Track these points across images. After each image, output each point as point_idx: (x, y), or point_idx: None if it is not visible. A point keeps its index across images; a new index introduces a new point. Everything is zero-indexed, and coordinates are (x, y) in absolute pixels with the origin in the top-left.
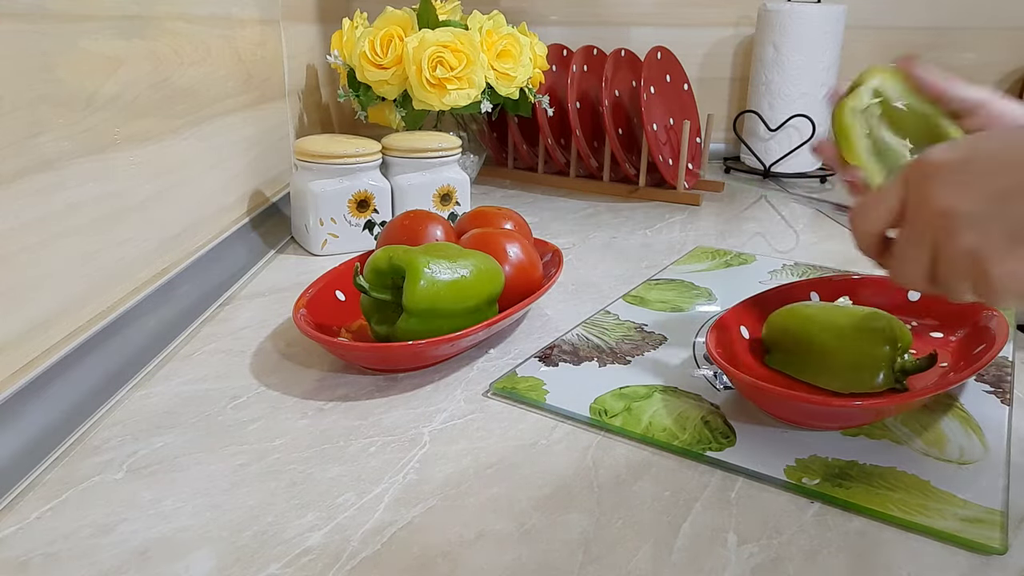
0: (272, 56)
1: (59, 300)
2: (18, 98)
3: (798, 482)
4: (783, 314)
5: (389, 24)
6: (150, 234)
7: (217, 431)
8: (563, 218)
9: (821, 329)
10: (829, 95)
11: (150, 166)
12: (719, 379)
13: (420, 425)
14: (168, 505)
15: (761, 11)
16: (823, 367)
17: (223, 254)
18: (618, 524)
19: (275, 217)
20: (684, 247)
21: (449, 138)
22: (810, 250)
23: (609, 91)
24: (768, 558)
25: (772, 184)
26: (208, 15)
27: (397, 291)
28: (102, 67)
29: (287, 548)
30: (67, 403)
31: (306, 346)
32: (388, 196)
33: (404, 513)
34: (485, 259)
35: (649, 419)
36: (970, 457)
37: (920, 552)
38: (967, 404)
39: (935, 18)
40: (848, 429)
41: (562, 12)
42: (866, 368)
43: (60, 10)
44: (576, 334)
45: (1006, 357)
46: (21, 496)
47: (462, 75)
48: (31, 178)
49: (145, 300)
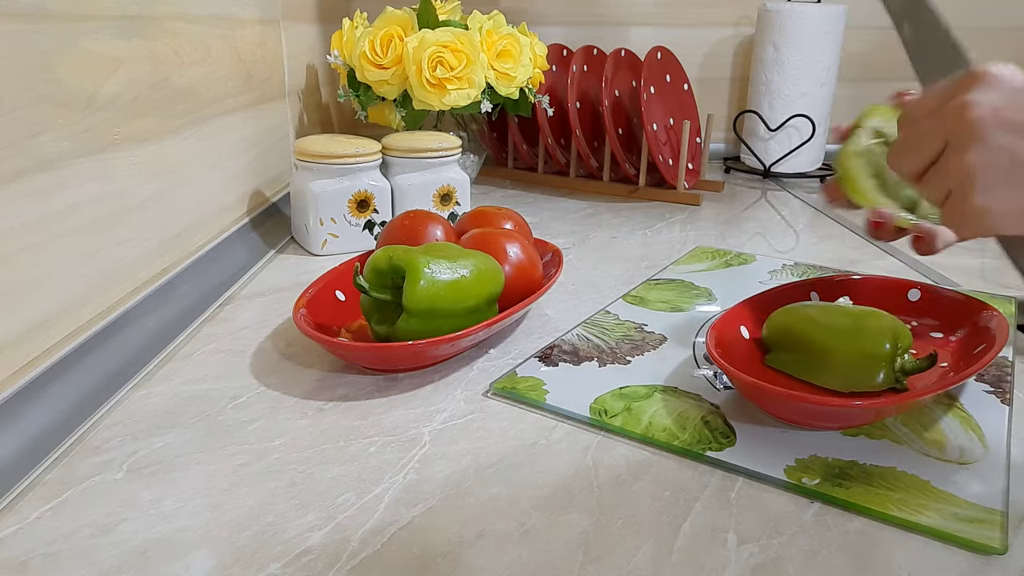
0: (272, 56)
1: (59, 300)
2: (18, 98)
3: (798, 482)
4: (783, 314)
5: (389, 24)
6: (150, 234)
7: (217, 431)
8: (563, 218)
9: (821, 329)
10: (834, 135)
11: (150, 166)
12: (719, 379)
13: (420, 425)
14: (168, 505)
15: (761, 11)
16: (823, 366)
17: (223, 254)
18: (618, 524)
19: (275, 217)
20: (684, 247)
21: (449, 138)
22: (810, 250)
23: (609, 91)
24: (768, 558)
25: (772, 184)
26: (208, 15)
27: (397, 291)
28: (102, 67)
29: (287, 548)
30: (67, 403)
31: (306, 346)
32: (388, 196)
33: (404, 513)
34: (485, 259)
35: (649, 419)
36: (970, 457)
37: (920, 552)
38: (967, 404)
39: None
40: (848, 429)
41: (562, 12)
42: (866, 368)
43: (60, 10)
44: (576, 334)
45: (1006, 357)
46: (21, 496)
47: (462, 75)
48: (31, 178)
49: (145, 300)
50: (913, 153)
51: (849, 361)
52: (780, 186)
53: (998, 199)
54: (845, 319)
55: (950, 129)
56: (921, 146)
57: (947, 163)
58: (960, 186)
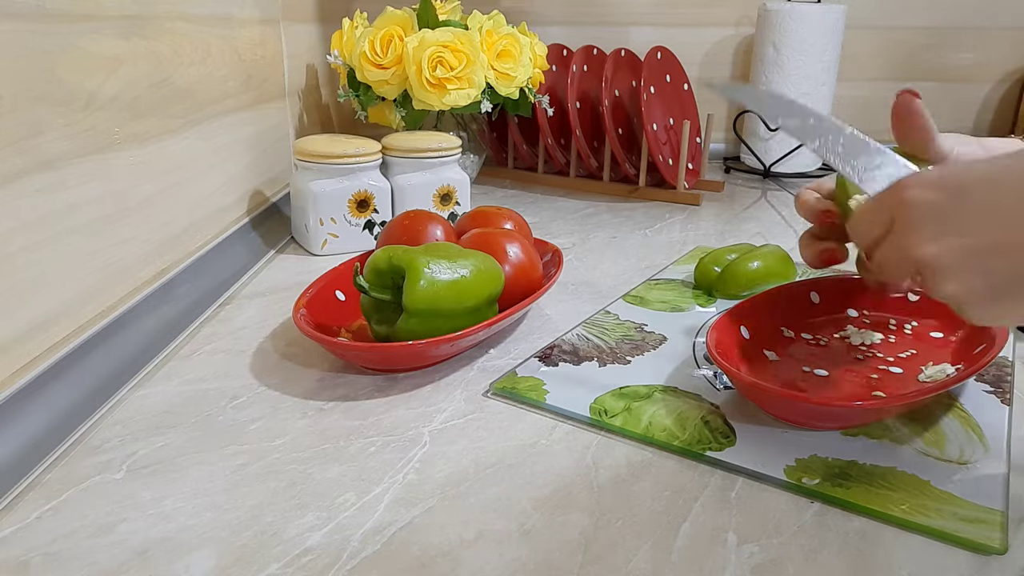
0: (272, 56)
1: (59, 300)
2: (18, 98)
3: (798, 482)
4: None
5: (389, 24)
6: (150, 234)
7: (217, 431)
8: (563, 218)
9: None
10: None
11: (150, 166)
12: (719, 379)
13: (420, 425)
14: (168, 505)
15: (761, 11)
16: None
17: (223, 254)
18: (618, 524)
19: (275, 217)
20: (684, 247)
21: (449, 138)
22: None
23: (609, 91)
24: (768, 558)
25: (772, 184)
26: (208, 15)
27: (397, 291)
28: (102, 67)
29: (287, 548)
30: (67, 403)
31: (306, 346)
32: (388, 196)
33: (404, 513)
34: (485, 259)
35: (649, 419)
36: (970, 457)
37: (920, 552)
38: (967, 404)
39: (935, 18)
40: (848, 429)
41: (562, 12)
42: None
43: (60, 10)
44: (576, 334)
45: (1006, 357)
46: (21, 496)
47: (462, 75)
48: (31, 178)
49: (145, 300)
50: (891, 274)
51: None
52: (780, 186)
53: (995, 311)
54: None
55: (911, 262)
56: (896, 269)
57: (930, 287)
58: (955, 305)
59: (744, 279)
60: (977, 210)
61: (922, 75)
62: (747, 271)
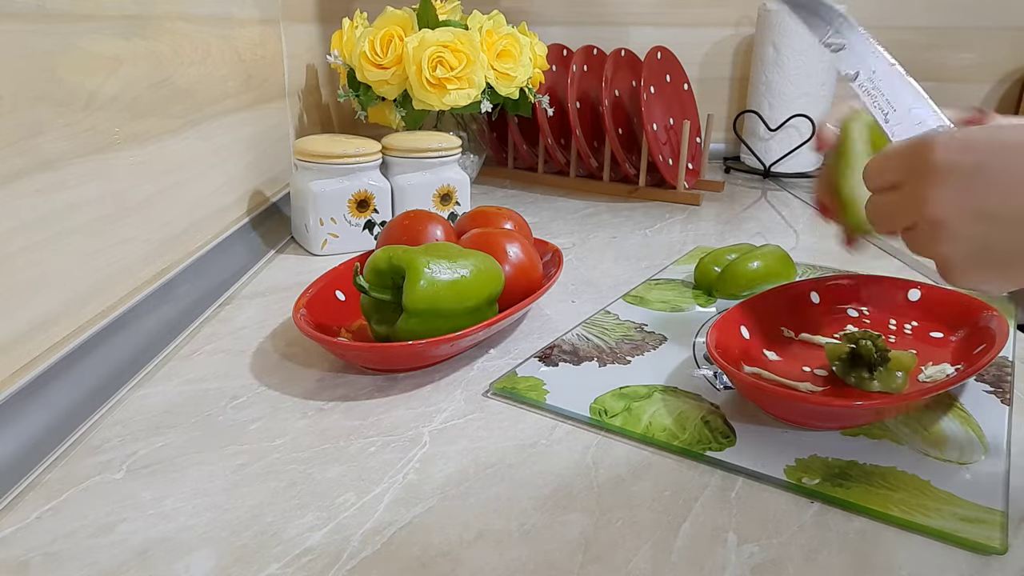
0: (272, 56)
1: (59, 300)
2: (18, 98)
3: (798, 482)
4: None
5: (389, 24)
6: (150, 234)
7: (217, 431)
8: (563, 218)
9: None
10: (818, 144)
11: (150, 166)
12: (719, 379)
13: (420, 425)
14: (168, 505)
15: (761, 11)
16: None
17: (223, 254)
18: (618, 524)
19: (275, 217)
20: (684, 247)
21: (449, 138)
22: (810, 250)
23: (609, 91)
24: (768, 558)
25: (772, 184)
26: (208, 15)
27: (397, 291)
28: (102, 67)
29: (287, 548)
30: (67, 403)
31: (306, 346)
32: (388, 196)
33: (404, 513)
34: (485, 259)
35: (649, 419)
36: (970, 457)
37: (920, 552)
38: (967, 404)
39: (935, 18)
40: (848, 429)
41: (562, 12)
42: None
43: (60, 10)
44: (576, 334)
45: (1006, 357)
46: (21, 496)
47: (462, 75)
48: (31, 178)
49: (145, 300)
50: (887, 221)
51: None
52: (780, 186)
53: (976, 279)
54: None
55: (918, 216)
56: (894, 218)
57: (922, 243)
58: (940, 264)
59: (744, 279)
60: (996, 180)
61: (922, 75)
62: (747, 271)
